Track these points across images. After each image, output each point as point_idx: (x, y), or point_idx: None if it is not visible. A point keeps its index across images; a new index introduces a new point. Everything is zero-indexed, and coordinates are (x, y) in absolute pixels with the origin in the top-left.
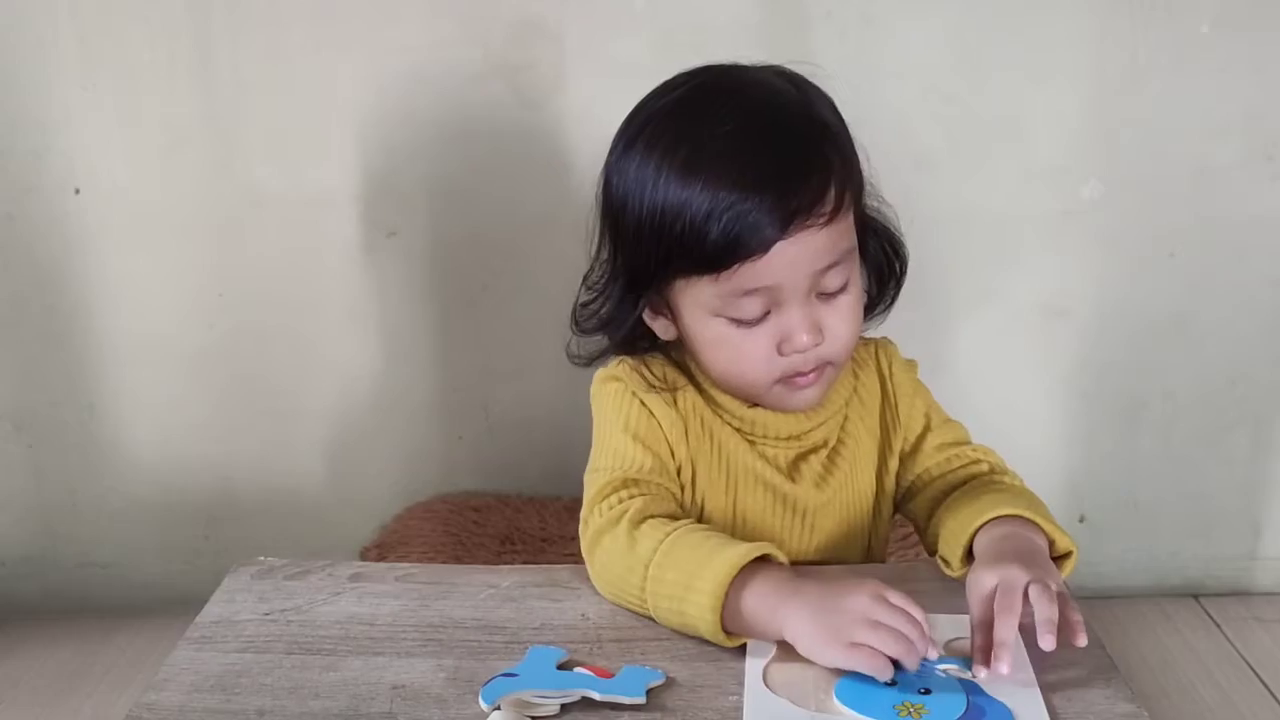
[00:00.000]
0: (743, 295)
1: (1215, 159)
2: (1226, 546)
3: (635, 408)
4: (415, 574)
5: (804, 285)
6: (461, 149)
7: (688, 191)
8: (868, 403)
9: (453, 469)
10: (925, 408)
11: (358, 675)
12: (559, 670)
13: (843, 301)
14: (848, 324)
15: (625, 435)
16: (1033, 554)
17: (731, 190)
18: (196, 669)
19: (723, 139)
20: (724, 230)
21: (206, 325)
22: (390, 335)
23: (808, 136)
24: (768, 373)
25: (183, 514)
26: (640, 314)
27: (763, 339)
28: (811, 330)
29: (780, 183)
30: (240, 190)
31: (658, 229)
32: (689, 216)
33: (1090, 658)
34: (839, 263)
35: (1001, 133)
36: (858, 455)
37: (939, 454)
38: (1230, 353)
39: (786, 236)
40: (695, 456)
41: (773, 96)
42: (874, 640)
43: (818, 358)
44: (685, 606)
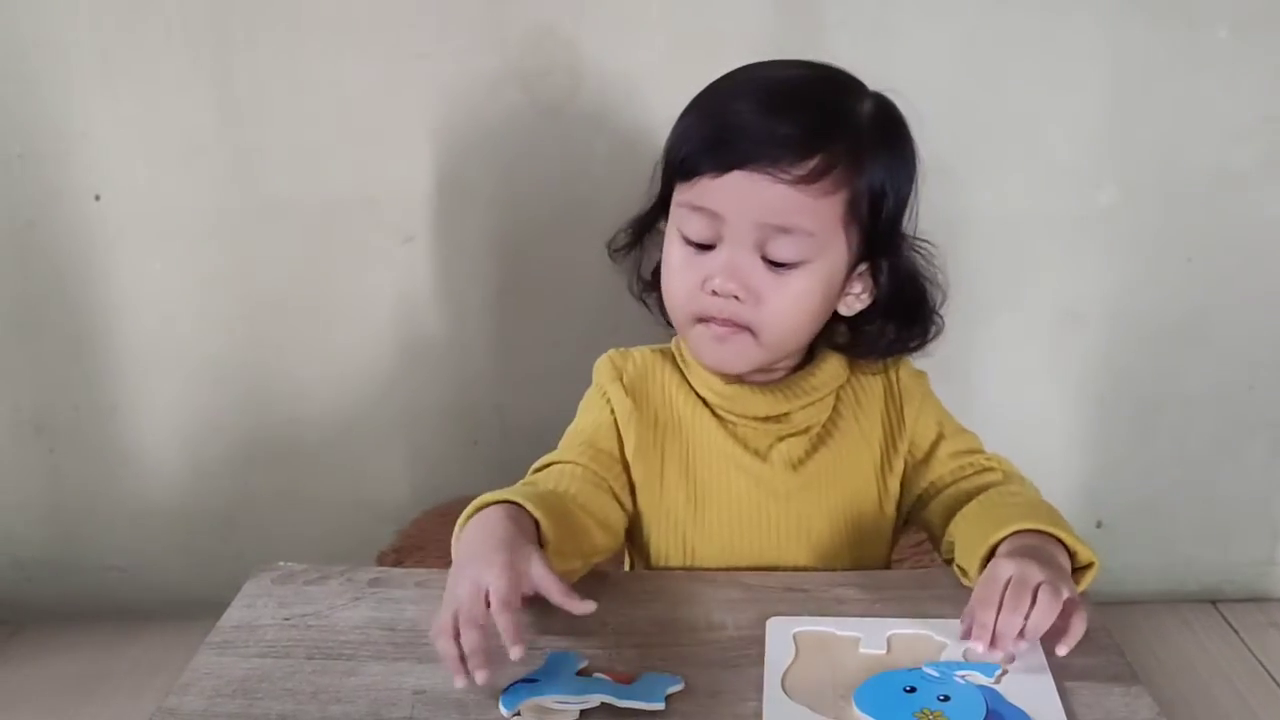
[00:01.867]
0: (693, 210)
1: (1232, 164)
2: (1244, 552)
3: (595, 399)
4: (434, 579)
5: (748, 233)
6: (478, 155)
7: (701, 107)
8: (865, 401)
9: (469, 473)
10: (937, 417)
11: (378, 680)
12: (578, 676)
13: (789, 280)
14: (782, 302)
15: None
16: (1053, 565)
17: (729, 113)
18: (218, 674)
19: (758, 78)
20: (701, 140)
21: (225, 330)
22: (406, 340)
23: (825, 110)
24: (687, 302)
25: (201, 518)
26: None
27: (699, 268)
28: (733, 277)
29: (768, 121)
30: (258, 197)
31: (670, 145)
32: (686, 123)
33: (1110, 664)
34: (791, 233)
35: (1017, 138)
36: (845, 446)
37: (952, 461)
38: (1247, 357)
39: (744, 168)
40: (663, 446)
41: (842, 85)
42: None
43: (735, 314)
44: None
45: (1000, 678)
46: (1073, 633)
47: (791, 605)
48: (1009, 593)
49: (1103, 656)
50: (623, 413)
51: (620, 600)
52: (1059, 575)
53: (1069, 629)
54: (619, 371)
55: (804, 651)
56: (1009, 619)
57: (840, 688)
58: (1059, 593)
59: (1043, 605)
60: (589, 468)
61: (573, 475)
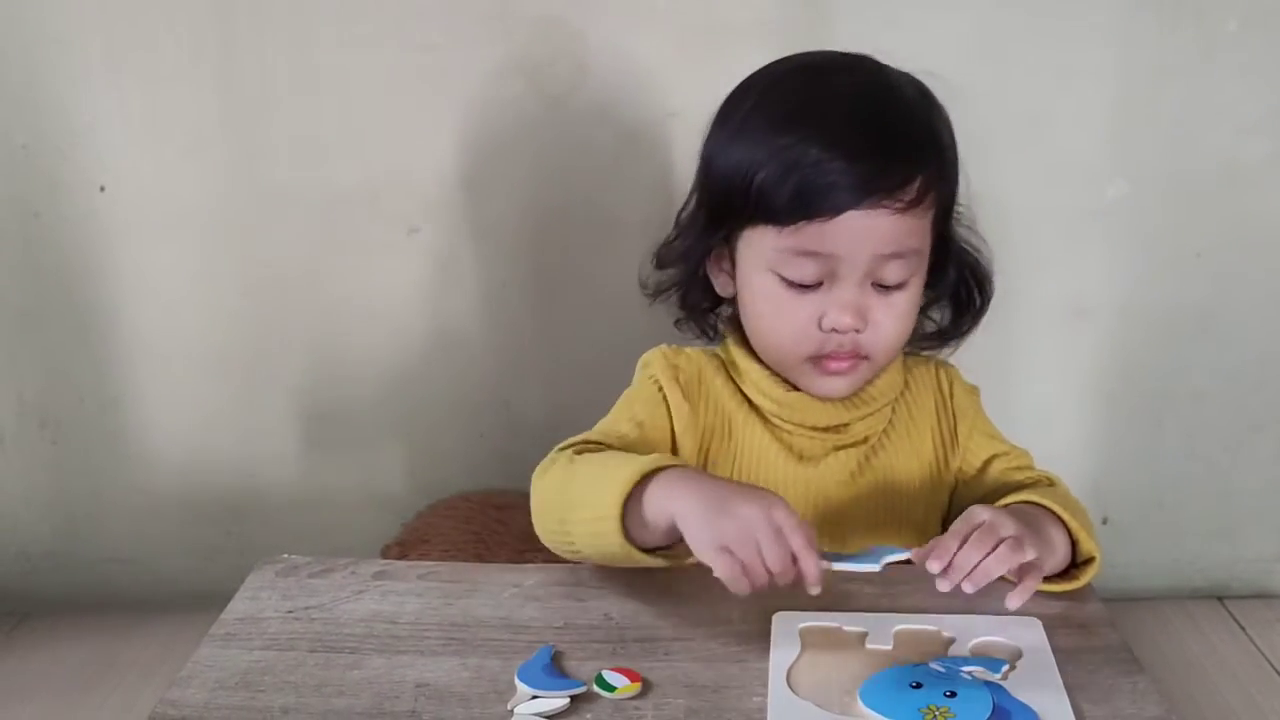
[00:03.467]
0: (801, 255)
1: (1242, 157)
2: (1252, 548)
3: (650, 393)
4: (438, 572)
5: (862, 265)
6: (483, 146)
7: (780, 142)
8: (918, 414)
9: (475, 467)
10: (990, 435)
11: (381, 674)
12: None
13: (897, 298)
14: (895, 322)
15: (626, 414)
16: (1034, 530)
17: (822, 149)
18: (221, 666)
19: (830, 104)
20: (803, 184)
21: (230, 322)
22: (412, 333)
23: (912, 130)
24: (802, 343)
25: (206, 510)
26: (707, 254)
27: (806, 307)
28: (856, 313)
29: (870, 155)
30: (263, 189)
31: (742, 176)
32: (774, 166)
33: (1118, 661)
34: (902, 257)
35: (1026, 131)
36: (898, 458)
37: (1004, 476)
38: (1257, 353)
39: (859, 208)
40: (709, 451)
41: (893, 88)
42: (741, 551)
43: (855, 346)
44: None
45: (1007, 674)
46: (1021, 589)
47: (798, 600)
48: (976, 533)
49: (1111, 653)
50: (680, 416)
51: (625, 593)
52: (1033, 538)
53: (1020, 586)
54: (675, 370)
55: (810, 646)
56: (968, 554)
57: (846, 683)
58: (1021, 549)
59: (1000, 553)
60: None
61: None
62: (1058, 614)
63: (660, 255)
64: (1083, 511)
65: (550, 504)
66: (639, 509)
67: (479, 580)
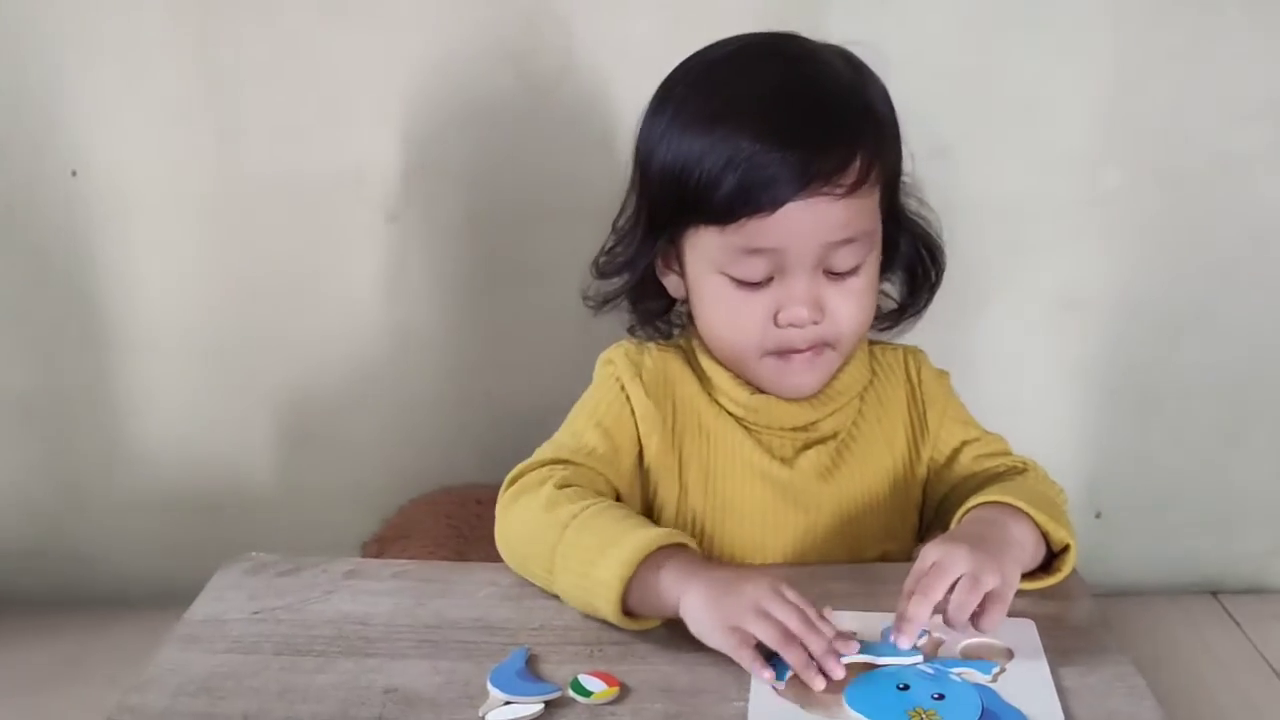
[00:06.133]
0: (747, 253)
1: (1239, 147)
2: (1247, 543)
3: (613, 395)
4: (412, 571)
5: (811, 256)
6: (465, 133)
7: (711, 138)
8: (887, 403)
9: (456, 461)
10: (963, 421)
11: (349, 678)
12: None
13: (852, 284)
14: (853, 308)
15: (590, 420)
16: (997, 542)
17: (754, 141)
18: (182, 670)
19: (758, 93)
20: (738, 181)
21: (206, 312)
22: (391, 323)
23: (845, 107)
24: (759, 342)
25: (182, 506)
26: (653, 261)
27: (760, 304)
28: (811, 305)
29: (804, 142)
30: (238, 175)
31: (678, 175)
32: (708, 164)
33: (1111, 664)
34: (853, 241)
35: (1018, 118)
36: (870, 452)
37: (975, 465)
38: (1251, 344)
39: (800, 198)
40: (682, 450)
41: (822, 66)
42: (756, 628)
43: (816, 337)
44: (595, 570)
45: (997, 676)
46: (985, 621)
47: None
48: (926, 580)
49: (1105, 655)
50: (644, 414)
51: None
52: (991, 561)
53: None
54: (637, 368)
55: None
56: (917, 606)
57: (832, 685)
58: (977, 584)
59: (956, 600)
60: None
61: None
62: (1051, 614)
63: (602, 266)
64: (1052, 500)
65: (532, 552)
66: (640, 586)
67: (453, 580)
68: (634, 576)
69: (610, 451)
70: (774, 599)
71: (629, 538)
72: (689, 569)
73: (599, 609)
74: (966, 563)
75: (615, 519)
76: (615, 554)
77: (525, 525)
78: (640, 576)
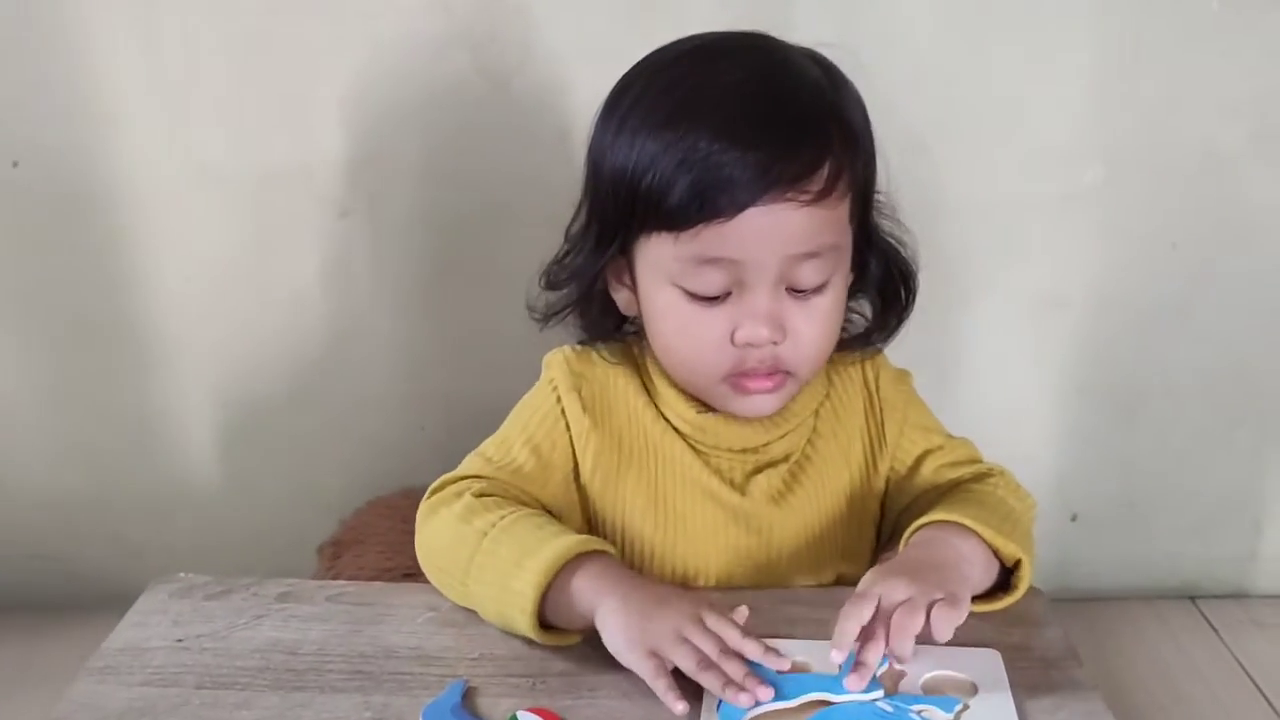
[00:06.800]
0: (703, 263)
1: (1223, 143)
2: (1225, 547)
3: (548, 408)
4: (348, 594)
5: (773, 270)
6: (420, 124)
7: (667, 137)
8: (844, 416)
9: (415, 462)
10: (924, 428)
11: (273, 714)
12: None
13: (817, 304)
14: (818, 329)
15: (522, 434)
16: (939, 563)
17: (711, 140)
18: (95, 705)
19: (718, 91)
20: (693, 182)
21: (154, 306)
22: (345, 321)
23: (814, 109)
24: (716, 362)
25: (129, 505)
26: (601, 270)
27: (717, 321)
28: (771, 324)
29: (767, 142)
30: (184, 167)
31: (629, 179)
32: (661, 166)
33: (1081, 700)
34: (818, 256)
35: (998, 114)
36: (826, 471)
37: (937, 475)
38: (1235, 346)
39: (760, 204)
40: (625, 468)
41: (790, 65)
42: (676, 655)
43: (775, 360)
44: (511, 581)
45: (960, 714)
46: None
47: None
48: (850, 604)
49: (1075, 690)
50: (579, 431)
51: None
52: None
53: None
54: (578, 380)
55: None
56: (869, 651)
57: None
58: (916, 613)
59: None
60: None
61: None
62: (1017, 644)
63: (551, 276)
64: (1008, 513)
65: (448, 564)
66: (556, 596)
67: (392, 603)
68: (551, 586)
69: (538, 469)
70: (693, 626)
71: (546, 546)
72: (607, 579)
73: (515, 621)
74: (905, 591)
75: (533, 527)
76: (531, 564)
77: (441, 536)
78: (557, 586)
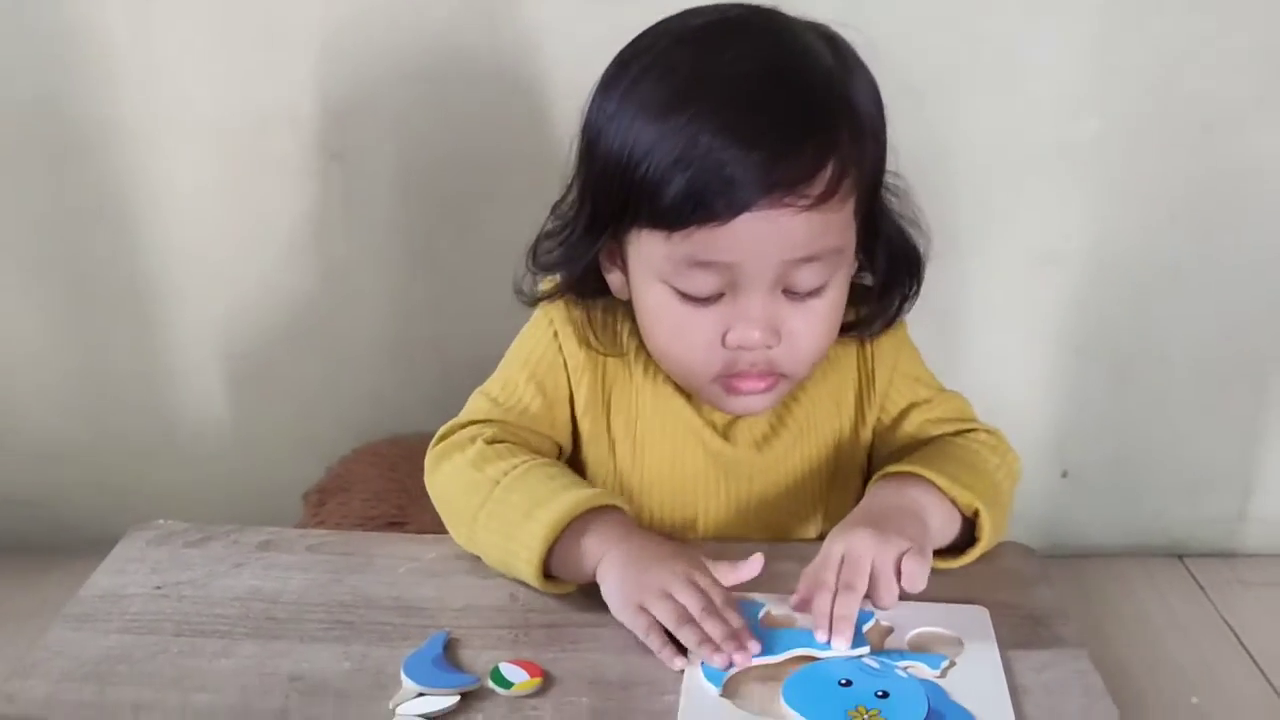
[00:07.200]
0: (694, 266)
1: (1223, 99)
2: (1215, 506)
3: (547, 344)
4: (330, 543)
5: (769, 274)
6: (413, 66)
7: (664, 127)
8: (836, 362)
9: (405, 411)
10: (913, 378)
11: (252, 663)
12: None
13: (814, 306)
14: (814, 333)
15: (524, 372)
16: (895, 514)
17: (712, 135)
18: (71, 653)
19: (724, 80)
20: (689, 182)
21: (143, 251)
22: (336, 268)
23: (821, 104)
24: (706, 362)
25: (116, 451)
26: (593, 259)
27: (708, 322)
28: (765, 327)
29: (770, 141)
30: (172, 109)
31: (623, 167)
32: (657, 157)
33: (1069, 659)
34: (817, 260)
35: (993, 64)
36: (815, 418)
37: (921, 430)
38: (1230, 305)
39: (756, 209)
40: (611, 404)
41: (802, 51)
42: (659, 610)
43: (769, 363)
44: (518, 531)
45: (947, 670)
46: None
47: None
48: (843, 574)
49: (1062, 648)
50: (574, 365)
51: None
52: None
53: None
54: (572, 316)
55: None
56: (846, 603)
57: (768, 677)
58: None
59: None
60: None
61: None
62: (1007, 601)
63: (540, 257)
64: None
65: (460, 509)
66: (563, 549)
67: (374, 553)
68: (559, 539)
69: (544, 408)
70: (681, 581)
71: (558, 499)
72: (613, 534)
73: (519, 571)
74: (872, 545)
75: (545, 478)
76: (542, 515)
77: (454, 483)
78: (564, 539)
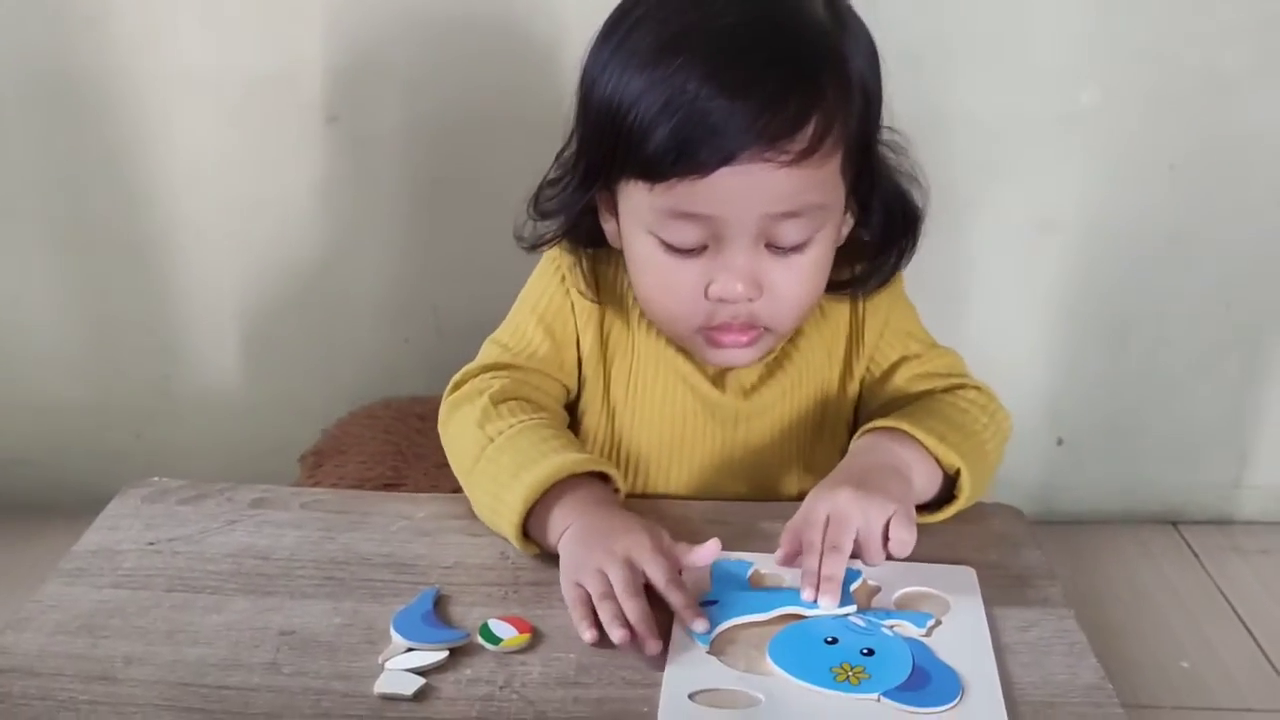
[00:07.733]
0: (677, 217)
1: (1223, 67)
2: (1210, 473)
3: (554, 288)
4: (323, 500)
5: (750, 228)
6: (409, 27)
7: (653, 75)
8: (829, 316)
9: (399, 373)
10: (905, 333)
11: (243, 618)
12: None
13: (798, 260)
14: (797, 287)
15: (533, 316)
16: (879, 472)
17: (699, 85)
18: (64, 607)
19: (713, 30)
20: (672, 132)
21: (139, 213)
22: (332, 229)
23: (808, 57)
24: (690, 314)
25: (113, 413)
26: (587, 207)
27: (692, 273)
28: (747, 280)
29: (755, 93)
30: (168, 70)
31: (612, 116)
32: (643, 106)
33: (1054, 619)
34: (800, 215)
35: (993, 30)
36: (806, 368)
37: (910, 385)
38: (1227, 273)
39: (735, 163)
40: (612, 349)
41: (794, 7)
42: (590, 584)
43: (750, 316)
44: (504, 492)
45: (932, 629)
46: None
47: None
48: (829, 535)
49: (1048, 608)
50: (580, 308)
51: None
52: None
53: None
54: (577, 261)
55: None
56: (833, 564)
57: (755, 637)
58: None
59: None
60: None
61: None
62: (994, 561)
63: (540, 204)
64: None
65: (459, 465)
66: (541, 513)
67: (367, 510)
68: (539, 502)
69: (553, 350)
70: (616, 560)
71: (544, 462)
72: (579, 507)
73: (503, 529)
74: (855, 503)
75: (537, 440)
76: (526, 477)
77: (460, 439)
78: (541, 505)
